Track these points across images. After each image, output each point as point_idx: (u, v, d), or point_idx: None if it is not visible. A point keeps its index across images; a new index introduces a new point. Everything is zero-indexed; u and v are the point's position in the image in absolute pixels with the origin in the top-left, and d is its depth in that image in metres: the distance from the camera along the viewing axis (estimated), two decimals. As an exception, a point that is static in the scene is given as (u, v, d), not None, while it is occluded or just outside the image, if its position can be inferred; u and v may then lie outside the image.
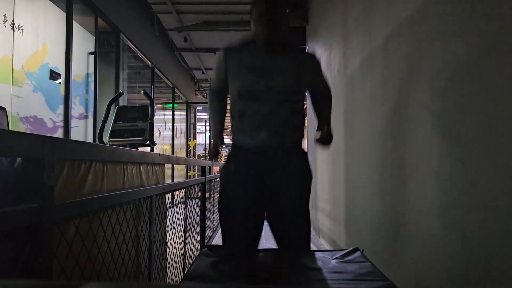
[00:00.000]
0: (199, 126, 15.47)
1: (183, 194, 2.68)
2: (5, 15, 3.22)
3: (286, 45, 1.74)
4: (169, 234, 2.08)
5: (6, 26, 3.24)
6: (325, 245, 4.64)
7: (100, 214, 1.15)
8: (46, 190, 0.78)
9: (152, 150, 2.65)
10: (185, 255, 2.58)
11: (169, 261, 2.05)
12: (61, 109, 4.09)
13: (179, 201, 2.71)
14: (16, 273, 0.73)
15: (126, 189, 1.38)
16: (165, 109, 9.35)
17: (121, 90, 5.21)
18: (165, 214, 1.92)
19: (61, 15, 4.12)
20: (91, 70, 4.87)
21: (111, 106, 2.31)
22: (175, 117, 9.48)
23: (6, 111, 1.93)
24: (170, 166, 7.89)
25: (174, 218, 2.29)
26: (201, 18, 6.85)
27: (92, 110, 4.85)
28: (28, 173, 0.77)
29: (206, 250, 1.66)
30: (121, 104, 4.53)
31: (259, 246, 1.84)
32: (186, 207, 2.68)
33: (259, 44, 1.70)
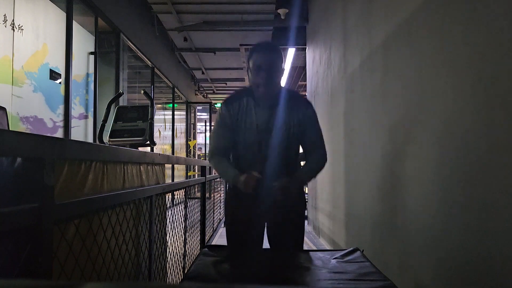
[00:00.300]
0: (199, 126, 15.48)
1: (183, 194, 2.68)
2: (5, 15, 3.22)
3: (284, 94, 1.77)
4: (169, 234, 2.08)
5: (6, 26, 3.24)
6: (325, 245, 4.64)
7: (100, 214, 1.15)
8: (46, 190, 0.78)
9: (152, 150, 2.65)
10: (185, 255, 2.58)
11: (169, 261, 2.05)
12: (61, 109, 4.09)
13: (179, 201, 2.70)
14: (16, 273, 0.73)
15: (126, 189, 1.38)
16: (165, 109, 9.35)
17: (121, 90, 5.20)
18: (165, 214, 1.92)
19: (61, 15, 4.12)
20: (91, 70, 4.87)
21: (111, 106, 2.31)
22: (175, 117, 9.48)
23: (6, 111, 1.93)
24: (170, 166, 7.89)
25: (174, 218, 2.29)
26: (201, 18, 6.86)
27: (92, 110, 4.85)
28: (28, 173, 0.77)
29: (206, 250, 1.66)
30: (121, 104, 4.52)
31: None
32: (186, 207, 2.68)
33: (257, 95, 1.73)
